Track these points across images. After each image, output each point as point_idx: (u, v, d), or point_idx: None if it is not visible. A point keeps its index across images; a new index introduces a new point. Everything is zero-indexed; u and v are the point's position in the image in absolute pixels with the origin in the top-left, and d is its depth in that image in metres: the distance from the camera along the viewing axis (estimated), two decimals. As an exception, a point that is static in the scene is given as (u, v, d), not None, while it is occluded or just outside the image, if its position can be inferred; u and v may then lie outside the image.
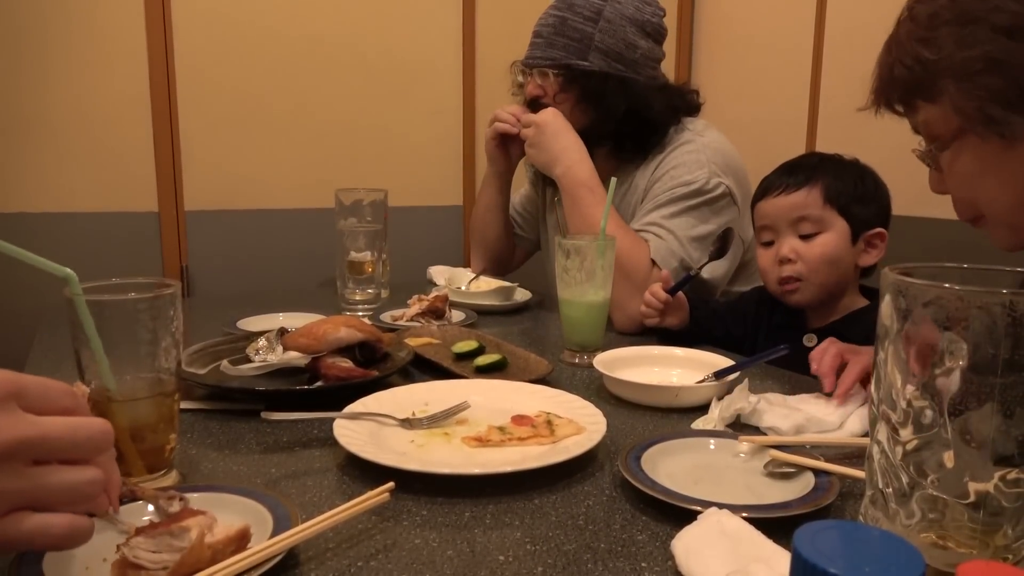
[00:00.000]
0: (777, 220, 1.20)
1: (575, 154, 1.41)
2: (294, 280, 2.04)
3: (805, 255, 1.18)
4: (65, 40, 1.90)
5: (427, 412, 0.88)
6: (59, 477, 0.48)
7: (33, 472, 0.47)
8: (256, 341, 1.05)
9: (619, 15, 1.42)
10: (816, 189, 1.18)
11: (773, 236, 1.22)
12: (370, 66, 2.20)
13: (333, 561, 0.59)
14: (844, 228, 1.18)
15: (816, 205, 1.18)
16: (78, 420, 0.50)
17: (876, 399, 0.54)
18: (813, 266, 1.17)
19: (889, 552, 0.35)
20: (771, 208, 1.21)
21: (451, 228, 2.31)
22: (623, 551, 0.61)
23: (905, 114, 0.83)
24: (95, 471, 0.50)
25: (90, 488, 0.50)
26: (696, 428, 0.87)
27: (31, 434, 0.46)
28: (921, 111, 0.81)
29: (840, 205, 1.18)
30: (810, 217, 1.18)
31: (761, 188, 1.25)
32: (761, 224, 1.24)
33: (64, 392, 0.51)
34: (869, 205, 1.19)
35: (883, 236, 1.20)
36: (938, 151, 0.80)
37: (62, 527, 0.48)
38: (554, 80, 1.45)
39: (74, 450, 0.49)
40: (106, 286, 0.67)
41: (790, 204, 1.19)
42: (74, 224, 1.95)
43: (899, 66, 0.79)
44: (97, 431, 0.50)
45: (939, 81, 0.76)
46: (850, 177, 1.20)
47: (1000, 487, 0.49)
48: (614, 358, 1.06)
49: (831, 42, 2.12)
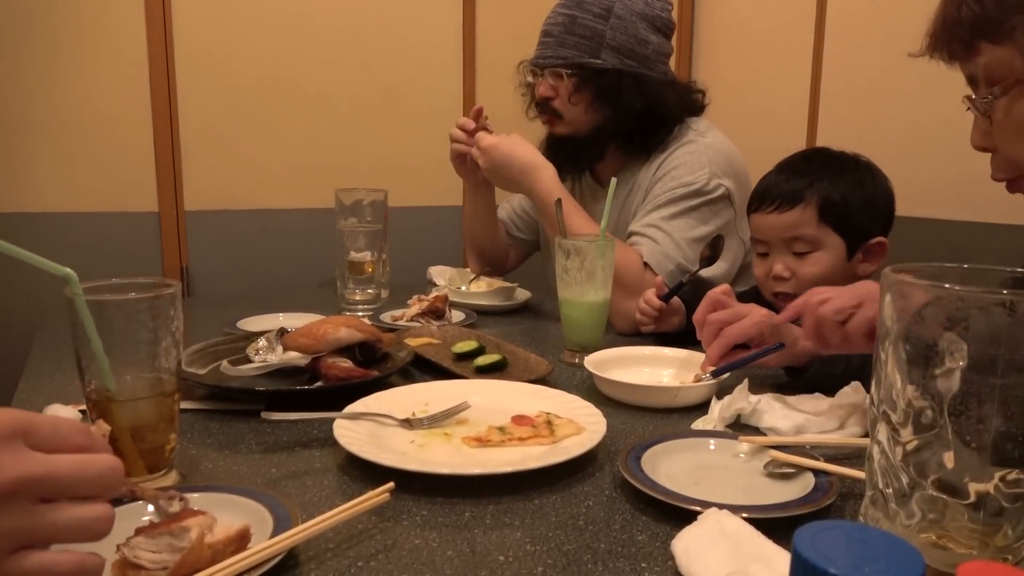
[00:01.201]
0: (771, 237, 1.19)
1: (535, 171, 1.40)
2: (294, 280, 2.04)
3: (799, 273, 1.16)
4: (65, 40, 1.90)
5: (427, 412, 0.88)
6: (67, 514, 0.47)
7: (39, 510, 0.47)
8: (256, 341, 1.05)
9: (629, 11, 1.42)
10: (811, 207, 1.15)
11: (767, 249, 1.21)
12: (370, 66, 2.20)
13: (333, 561, 0.59)
14: (839, 245, 1.16)
15: (811, 224, 1.15)
16: (86, 457, 0.49)
17: (876, 399, 0.54)
18: (807, 284, 1.12)
19: (889, 552, 0.35)
20: (764, 224, 1.19)
21: (451, 228, 2.31)
22: (623, 551, 0.61)
23: (964, 59, 0.80)
24: (104, 508, 0.49)
25: (99, 524, 0.49)
26: (696, 428, 0.87)
27: (36, 472, 0.46)
28: (984, 54, 0.77)
29: (836, 221, 1.15)
30: (804, 237, 1.16)
31: (756, 196, 1.22)
32: (755, 236, 1.23)
33: (77, 430, 0.50)
34: (869, 212, 1.16)
35: (882, 245, 1.17)
36: (996, 97, 0.78)
37: (68, 565, 0.47)
38: (567, 80, 1.44)
39: (81, 487, 0.48)
40: (106, 286, 0.67)
41: (783, 224, 1.17)
42: (74, 224, 1.96)
43: (969, 4, 0.77)
44: (106, 467, 0.49)
45: (1011, 18, 0.74)
46: (848, 184, 1.16)
47: (1000, 487, 0.49)
48: (604, 359, 1.06)
49: (831, 40, 2.12)
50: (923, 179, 1.91)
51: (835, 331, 0.88)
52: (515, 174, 1.42)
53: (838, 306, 0.88)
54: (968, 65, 0.79)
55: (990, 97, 0.77)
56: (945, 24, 0.79)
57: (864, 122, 2.04)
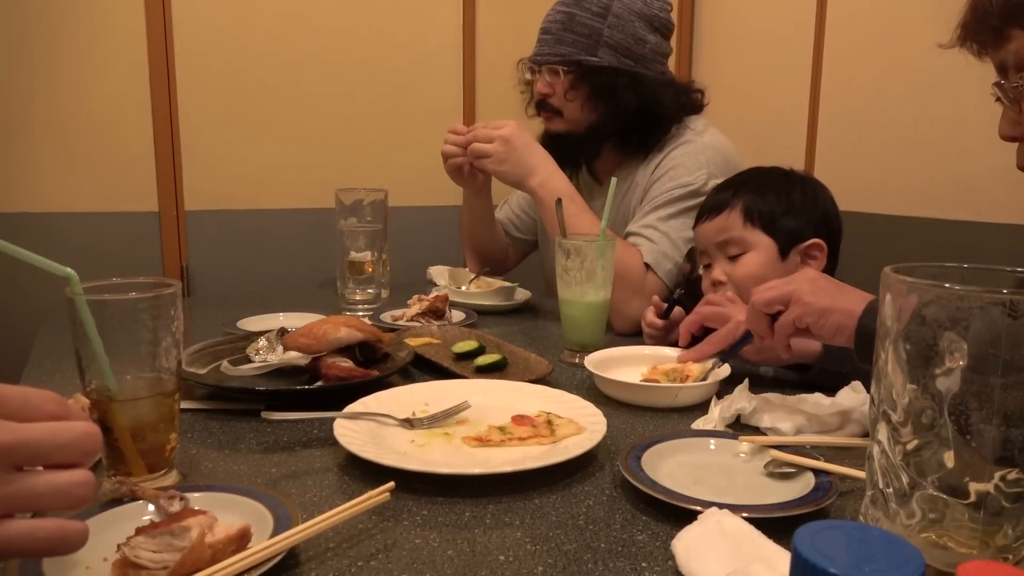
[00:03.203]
0: (707, 245, 1.22)
1: (549, 165, 1.41)
2: (294, 280, 2.04)
3: (732, 276, 1.19)
4: (66, 41, 1.90)
5: (427, 412, 0.88)
6: (44, 480, 0.47)
7: (15, 477, 0.47)
8: (256, 341, 1.05)
9: (627, 10, 1.42)
10: (736, 211, 1.19)
11: (709, 260, 1.23)
12: (370, 66, 2.20)
13: (333, 561, 0.59)
14: (770, 245, 1.17)
15: (736, 227, 1.18)
16: (60, 424, 0.49)
17: (876, 399, 0.54)
18: (741, 286, 1.16)
19: (889, 552, 0.35)
20: (700, 234, 1.24)
21: (451, 228, 2.30)
22: (623, 551, 0.61)
23: (994, 46, 0.80)
24: (83, 473, 0.49)
25: (78, 490, 0.48)
26: (696, 428, 0.87)
27: (9, 440, 0.46)
28: (1015, 40, 0.78)
29: (763, 223, 1.18)
30: (732, 239, 1.19)
31: (697, 214, 1.27)
32: (698, 249, 1.27)
33: (48, 399, 0.50)
34: (798, 217, 1.18)
35: (820, 247, 1.18)
36: None
37: (48, 531, 0.47)
38: (564, 77, 1.44)
39: (57, 454, 0.48)
40: (107, 286, 0.67)
41: (714, 228, 1.21)
42: (75, 224, 1.96)
43: None
44: (82, 432, 0.49)
45: None
46: (773, 192, 1.19)
47: (1000, 487, 0.49)
48: (604, 359, 1.06)
49: (831, 40, 2.12)
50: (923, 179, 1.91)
51: (761, 321, 0.88)
52: (528, 166, 1.40)
53: (767, 298, 0.87)
54: (998, 53, 0.80)
55: (1020, 82, 0.78)
56: (976, 13, 0.80)
57: (864, 122, 2.04)
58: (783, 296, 0.85)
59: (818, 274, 0.87)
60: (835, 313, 0.81)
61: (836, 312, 0.81)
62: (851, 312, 0.80)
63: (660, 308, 1.21)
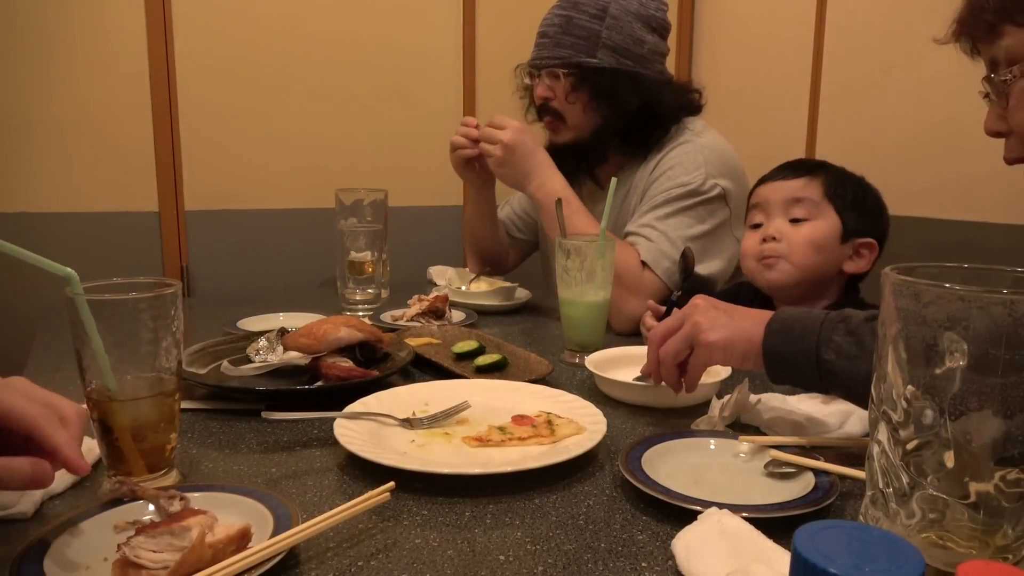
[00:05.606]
0: (771, 201, 1.21)
1: (548, 169, 1.41)
2: (294, 280, 2.04)
3: (790, 236, 1.18)
4: (66, 40, 1.90)
5: (427, 412, 0.88)
6: None
7: None
8: (256, 341, 1.05)
9: (624, 11, 1.42)
10: (817, 181, 1.20)
11: (763, 218, 1.22)
12: (370, 67, 2.20)
13: (333, 561, 0.59)
14: (836, 223, 1.18)
15: (815, 193, 1.19)
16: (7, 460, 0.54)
17: (876, 399, 0.54)
18: (796, 246, 1.17)
19: (889, 552, 0.35)
20: (768, 190, 1.23)
21: (451, 228, 2.31)
22: (623, 551, 0.61)
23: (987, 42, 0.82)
24: None
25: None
26: (696, 428, 0.87)
27: None
28: (1007, 36, 0.79)
29: (837, 203, 1.18)
30: (805, 201, 1.18)
31: (761, 178, 1.27)
32: (754, 203, 1.25)
33: None
34: (866, 216, 1.20)
35: (873, 247, 1.19)
36: (1016, 77, 0.79)
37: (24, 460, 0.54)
38: (564, 80, 1.44)
39: None
40: (107, 286, 0.67)
41: (789, 187, 1.20)
42: (75, 224, 1.96)
43: None
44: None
45: None
46: (852, 185, 1.21)
47: (1000, 487, 0.49)
48: (604, 359, 1.06)
49: (831, 40, 2.12)
50: (923, 179, 1.91)
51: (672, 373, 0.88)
52: (528, 169, 1.41)
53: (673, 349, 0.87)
54: (991, 48, 0.81)
55: (1010, 76, 0.79)
56: (971, 9, 0.82)
57: (864, 122, 2.05)
58: (685, 339, 0.86)
59: (707, 303, 0.88)
60: (737, 344, 0.83)
61: (737, 343, 0.83)
62: (750, 338, 0.82)
63: (658, 312, 1.21)
